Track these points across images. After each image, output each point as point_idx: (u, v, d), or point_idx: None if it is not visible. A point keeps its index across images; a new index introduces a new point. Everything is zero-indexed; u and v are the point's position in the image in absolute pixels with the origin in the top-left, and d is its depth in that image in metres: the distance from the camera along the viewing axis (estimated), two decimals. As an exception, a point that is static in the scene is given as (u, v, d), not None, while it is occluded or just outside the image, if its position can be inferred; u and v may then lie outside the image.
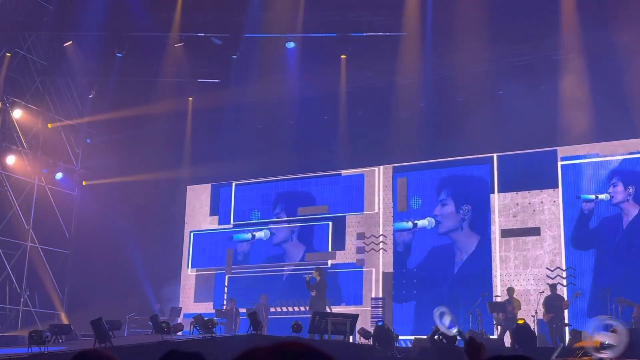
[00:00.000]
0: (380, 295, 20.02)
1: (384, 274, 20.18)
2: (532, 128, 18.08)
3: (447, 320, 16.94)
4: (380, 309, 19.78)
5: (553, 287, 16.87)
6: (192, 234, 23.16)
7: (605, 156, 18.15)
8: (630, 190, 17.70)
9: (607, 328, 16.00)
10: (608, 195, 17.87)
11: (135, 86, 21.72)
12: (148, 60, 21.00)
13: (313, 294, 17.85)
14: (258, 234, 22.16)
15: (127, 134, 22.16)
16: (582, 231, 18.07)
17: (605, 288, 16.52)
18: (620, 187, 17.84)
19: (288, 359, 1.16)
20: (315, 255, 21.26)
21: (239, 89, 21.01)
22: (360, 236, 20.74)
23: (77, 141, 23.76)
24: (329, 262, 20.79)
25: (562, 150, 18.61)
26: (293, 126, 21.15)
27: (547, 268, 18.14)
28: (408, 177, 20.51)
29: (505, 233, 18.86)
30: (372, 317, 19.43)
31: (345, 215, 21.16)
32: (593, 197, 18.00)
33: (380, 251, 20.37)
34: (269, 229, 22.09)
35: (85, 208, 23.34)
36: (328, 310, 17.33)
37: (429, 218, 19.93)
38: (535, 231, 18.55)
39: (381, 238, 20.44)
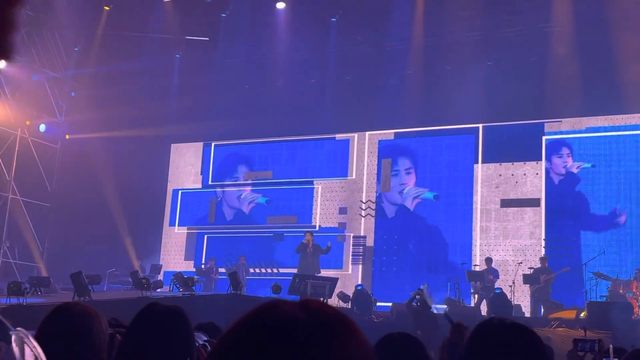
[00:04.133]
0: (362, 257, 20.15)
1: (365, 247, 20.24)
2: (519, 100, 18.11)
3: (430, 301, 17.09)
4: (361, 247, 20.00)
5: (543, 259, 16.95)
6: (180, 192, 23.09)
7: (590, 130, 18.25)
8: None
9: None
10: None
11: (122, 41, 21.45)
12: (136, 15, 20.72)
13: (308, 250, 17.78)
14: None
15: (112, 89, 21.94)
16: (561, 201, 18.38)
17: (583, 262, 16.72)
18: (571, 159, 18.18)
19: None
20: (278, 218, 21.35)
21: (227, 48, 20.84)
22: (343, 210, 20.75)
23: (61, 94, 23.53)
24: (317, 225, 20.81)
25: (547, 123, 18.67)
26: (280, 88, 21.04)
27: (543, 239, 18.24)
28: (393, 145, 20.52)
29: (505, 203, 18.89)
30: (353, 255, 20.06)
31: (312, 180, 21.24)
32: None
33: (362, 218, 20.43)
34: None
35: (68, 161, 23.20)
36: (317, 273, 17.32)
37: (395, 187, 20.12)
38: (535, 202, 18.60)
39: (363, 205, 20.49)
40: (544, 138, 18.68)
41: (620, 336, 11.08)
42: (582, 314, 14.59)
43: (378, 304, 16.44)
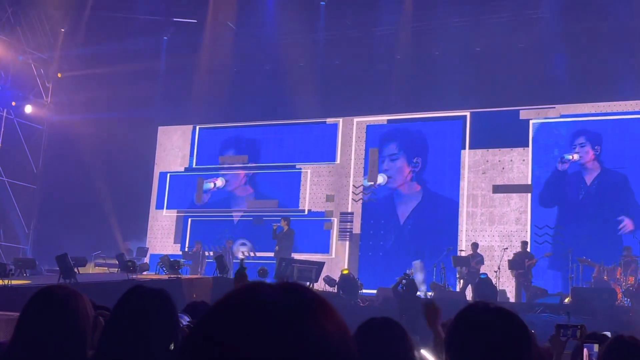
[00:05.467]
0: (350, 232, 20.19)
1: (352, 234, 20.26)
2: (507, 86, 18.12)
3: (421, 275, 17.04)
4: (349, 224, 20.04)
5: (524, 244, 17.03)
6: (168, 175, 23.00)
7: (577, 116, 18.31)
8: (597, 150, 17.99)
9: None
10: (578, 155, 18.14)
11: (109, 22, 21.27)
12: (124, -5, 20.58)
13: (276, 248, 17.77)
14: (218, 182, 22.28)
15: (99, 70, 21.79)
16: (551, 189, 18.35)
17: (568, 248, 16.79)
18: (588, 147, 18.11)
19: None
20: (259, 202, 21.35)
21: (215, 30, 20.71)
22: (330, 197, 20.74)
23: (47, 75, 23.35)
24: (305, 210, 20.82)
25: (535, 109, 18.70)
26: (268, 72, 20.95)
27: (535, 226, 18.28)
28: (380, 131, 20.51)
29: (497, 189, 18.91)
30: (340, 231, 20.13)
31: (295, 165, 21.26)
32: (571, 157, 18.22)
33: (355, 202, 20.44)
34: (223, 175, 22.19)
35: (54, 143, 23.07)
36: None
37: (382, 174, 20.13)
38: (526, 188, 18.61)
39: (355, 189, 20.48)
40: (531, 123, 18.71)
41: (603, 322, 11.16)
42: (566, 300, 14.69)
43: (364, 290, 16.48)
